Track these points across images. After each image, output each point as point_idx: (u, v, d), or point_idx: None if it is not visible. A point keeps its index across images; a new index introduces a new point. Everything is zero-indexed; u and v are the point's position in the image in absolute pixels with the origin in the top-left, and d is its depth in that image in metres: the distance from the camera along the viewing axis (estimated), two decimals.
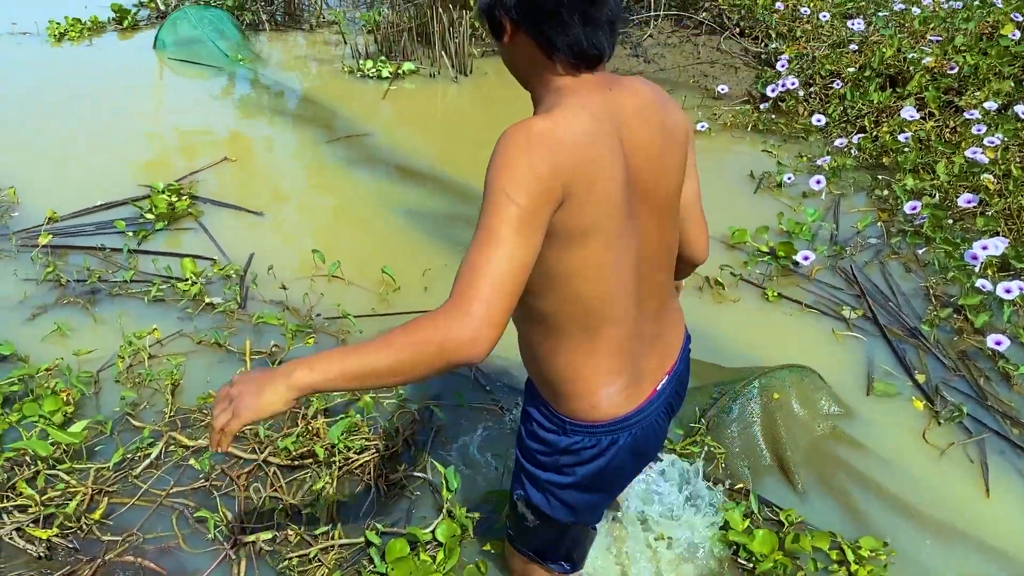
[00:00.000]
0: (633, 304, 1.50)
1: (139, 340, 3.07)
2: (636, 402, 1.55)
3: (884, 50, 5.13)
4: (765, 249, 3.79)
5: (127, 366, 2.99)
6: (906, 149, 4.44)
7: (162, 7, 7.61)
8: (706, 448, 2.62)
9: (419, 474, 2.55)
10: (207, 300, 3.44)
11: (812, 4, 5.91)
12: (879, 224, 4.01)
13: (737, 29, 6.14)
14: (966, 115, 4.49)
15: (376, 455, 2.57)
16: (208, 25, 6.71)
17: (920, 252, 3.76)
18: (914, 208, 3.87)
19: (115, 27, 7.46)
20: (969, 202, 3.79)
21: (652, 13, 6.42)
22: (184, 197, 4.25)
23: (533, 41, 1.39)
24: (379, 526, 2.33)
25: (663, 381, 1.62)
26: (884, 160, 4.55)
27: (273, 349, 3.13)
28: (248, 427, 1.50)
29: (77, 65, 6.66)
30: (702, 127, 5.10)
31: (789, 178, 4.41)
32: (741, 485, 2.54)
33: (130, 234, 3.96)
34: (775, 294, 3.48)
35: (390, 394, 2.86)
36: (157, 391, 2.90)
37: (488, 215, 1.25)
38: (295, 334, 3.19)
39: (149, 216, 4.09)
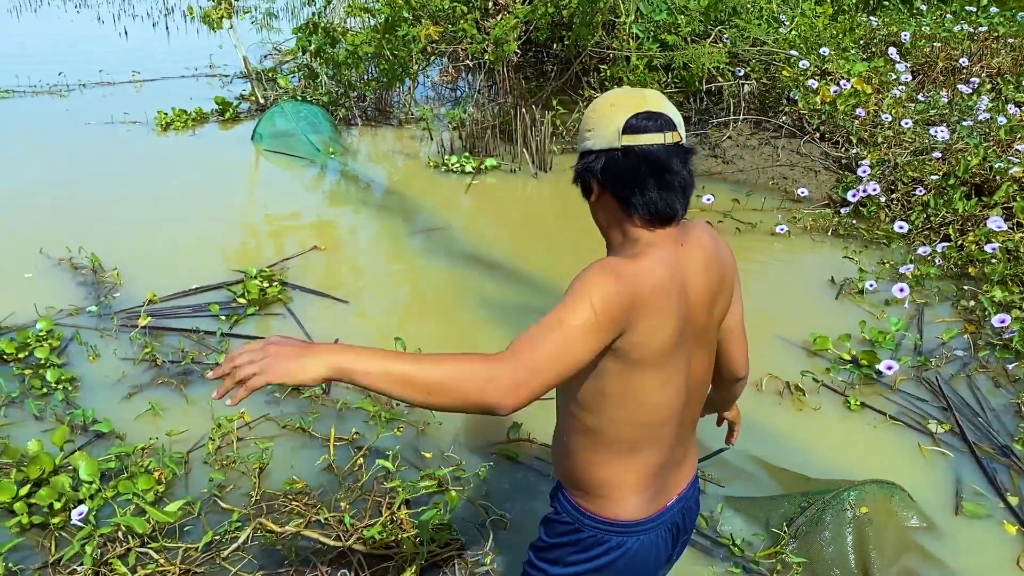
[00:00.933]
0: (674, 431, 1.67)
1: (229, 423, 3.18)
2: (651, 512, 1.69)
3: (969, 158, 5.11)
4: (847, 357, 3.75)
5: (216, 448, 3.10)
6: (993, 260, 4.37)
7: (262, 100, 8.08)
8: (785, 558, 2.57)
9: (500, 571, 2.56)
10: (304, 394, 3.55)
11: (894, 111, 5.95)
12: (965, 336, 3.93)
13: (817, 133, 6.19)
14: None
15: (461, 550, 2.59)
16: (303, 120, 7.09)
17: (1010, 367, 3.67)
18: (1003, 321, 3.79)
19: (217, 118, 7.94)
20: None
21: (732, 117, 6.54)
22: (275, 283, 4.44)
23: (616, 202, 1.60)
24: None
25: (673, 499, 1.75)
26: (970, 270, 4.48)
27: (355, 436, 3.21)
28: (271, 386, 1.52)
29: (180, 153, 7.10)
30: (781, 230, 5.12)
31: (871, 285, 4.38)
32: None
33: (223, 318, 4.15)
34: (858, 403, 3.42)
35: (478, 494, 2.89)
36: (244, 474, 2.99)
37: (565, 307, 1.43)
38: (387, 421, 3.26)
39: (242, 301, 4.27)
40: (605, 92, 1.68)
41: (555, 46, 8.06)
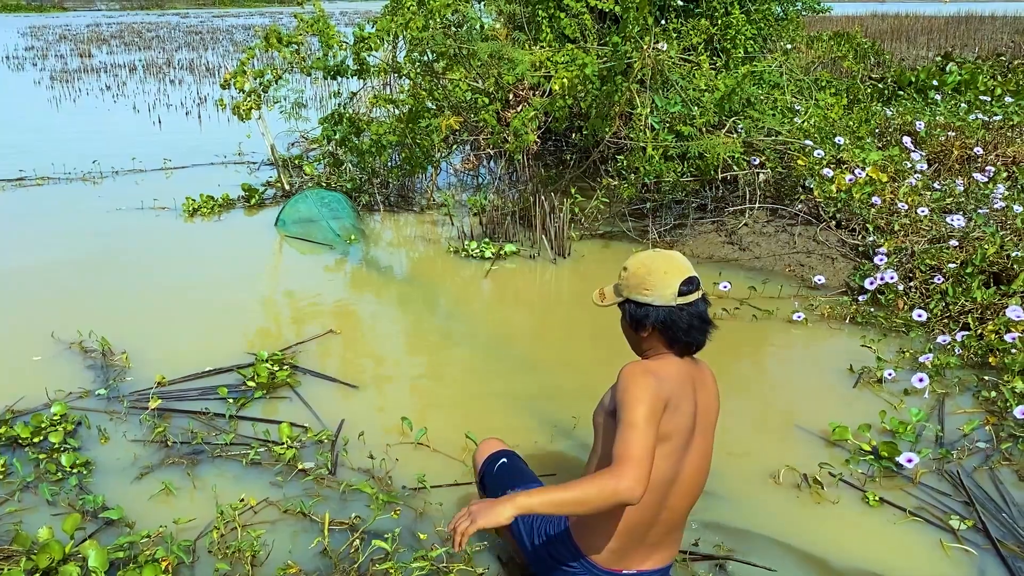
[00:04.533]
0: (657, 504, 2.20)
1: (233, 511, 3.18)
2: (611, 567, 2.25)
3: (986, 247, 5.11)
4: (867, 448, 3.69)
5: (220, 535, 3.08)
6: (1013, 350, 4.32)
7: (287, 187, 8.28)
8: None
9: None
10: (299, 466, 3.58)
11: (910, 199, 5.98)
12: (987, 428, 3.86)
13: (833, 221, 6.23)
14: None
15: None
16: (325, 207, 7.25)
17: None
18: None
19: (243, 204, 8.14)
20: None
21: (748, 205, 6.61)
22: (285, 367, 4.49)
23: (663, 338, 2.31)
24: None
25: (632, 572, 2.28)
26: (990, 359, 4.43)
27: (354, 520, 3.20)
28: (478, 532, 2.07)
29: (204, 238, 7.27)
30: (798, 317, 5.11)
31: (890, 374, 4.33)
32: None
33: (231, 400, 4.18)
34: (876, 499, 3.35)
35: None
36: (249, 560, 2.97)
37: (628, 412, 2.06)
38: (384, 504, 3.25)
39: (251, 384, 4.31)
40: (650, 253, 2.37)
41: (573, 136, 8.25)
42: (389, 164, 8.22)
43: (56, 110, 14.77)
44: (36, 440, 3.74)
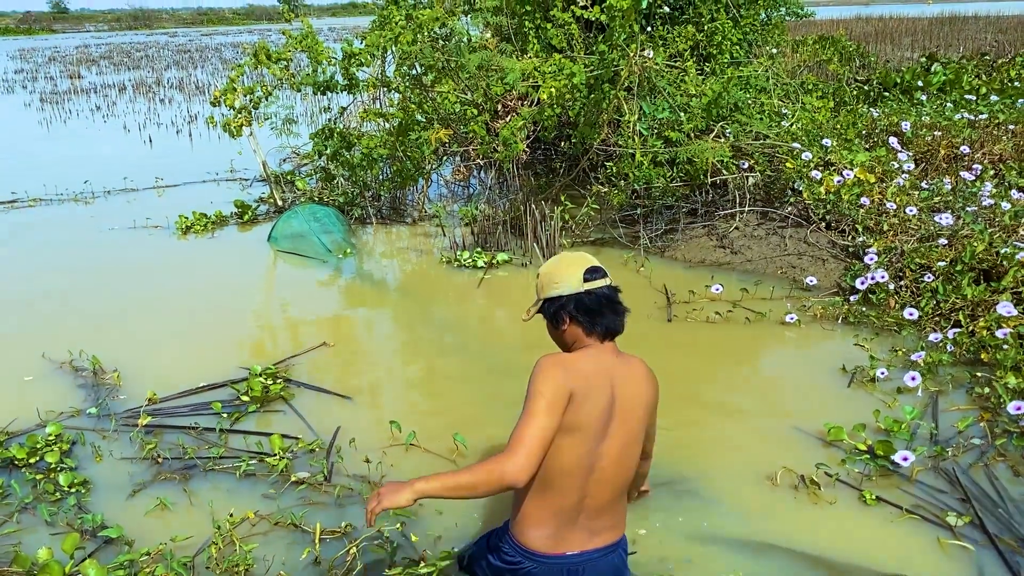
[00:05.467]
0: (578, 490, 2.34)
1: (229, 525, 3.20)
2: (547, 551, 2.37)
3: (975, 244, 5.14)
4: (863, 447, 3.70)
5: (218, 550, 3.08)
6: (1005, 346, 4.35)
7: (280, 203, 8.29)
8: None
9: None
10: (293, 477, 3.61)
11: (898, 199, 6.02)
12: (982, 424, 3.88)
13: (823, 223, 6.26)
14: None
15: None
16: (316, 222, 7.26)
17: None
18: (1019, 408, 3.75)
19: (236, 221, 8.15)
20: None
21: (738, 208, 6.64)
22: (279, 380, 4.50)
23: (581, 327, 2.45)
24: None
25: (574, 552, 2.39)
26: (983, 356, 4.45)
27: (347, 529, 3.23)
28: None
29: (198, 256, 7.27)
30: (791, 319, 5.14)
31: (883, 373, 4.35)
32: None
33: (224, 415, 4.19)
34: (873, 498, 3.36)
35: None
36: (247, 572, 2.97)
37: (528, 402, 2.26)
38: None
39: (245, 398, 4.32)
40: (556, 256, 2.58)
41: (562, 144, 8.28)
42: (380, 177, 8.24)
43: (47, 132, 14.78)
44: (32, 460, 3.74)
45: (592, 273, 2.46)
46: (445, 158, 8.64)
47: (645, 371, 2.49)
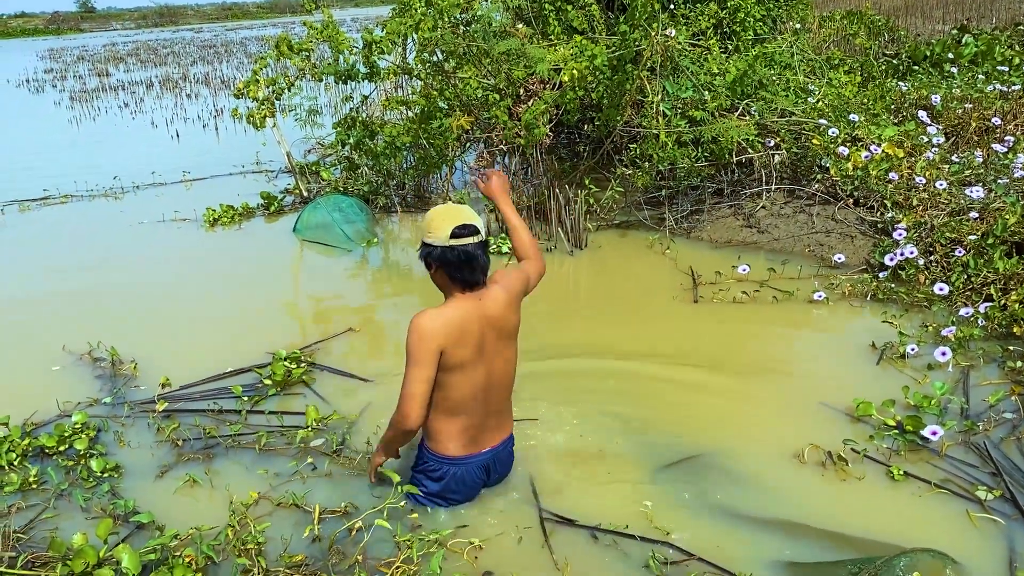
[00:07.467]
0: (484, 403, 3.02)
1: (244, 507, 3.28)
2: (467, 453, 3.05)
3: (1007, 217, 5.05)
4: (892, 423, 3.67)
5: (235, 532, 3.13)
6: None
7: (305, 193, 8.35)
8: None
9: None
10: (309, 459, 3.69)
11: (928, 173, 5.92)
12: (1014, 398, 3.82)
13: (851, 199, 6.18)
14: None
15: None
16: (340, 212, 7.29)
17: None
18: None
19: (262, 212, 8.22)
20: None
21: (764, 187, 6.57)
22: (302, 364, 4.57)
23: (446, 276, 2.91)
24: None
25: (486, 450, 3.12)
26: (1015, 330, 4.38)
27: (348, 509, 3.28)
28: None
29: (225, 247, 7.35)
30: (819, 296, 5.08)
31: (913, 349, 4.30)
32: None
33: (244, 398, 4.27)
34: (901, 473, 3.33)
35: None
36: (262, 553, 3.02)
37: (408, 362, 2.83)
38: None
39: (268, 382, 4.39)
40: (440, 206, 2.92)
41: (586, 127, 8.23)
42: (404, 165, 8.26)
43: (77, 129, 14.99)
44: (62, 448, 3.83)
45: (462, 229, 2.82)
46: (468, 145, 8.63)
47: (502, 290, 2.97)
